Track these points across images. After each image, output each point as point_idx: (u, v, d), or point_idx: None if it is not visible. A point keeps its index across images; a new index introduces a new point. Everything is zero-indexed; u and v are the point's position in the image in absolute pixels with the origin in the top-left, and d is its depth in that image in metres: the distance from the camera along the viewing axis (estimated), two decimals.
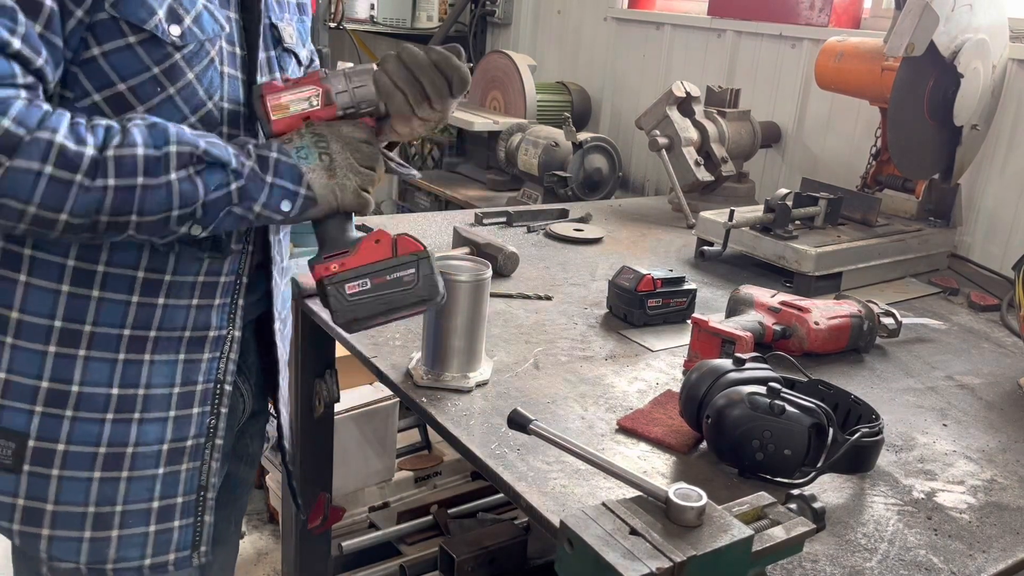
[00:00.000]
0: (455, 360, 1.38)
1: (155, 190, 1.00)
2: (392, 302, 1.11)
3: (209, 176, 1.03)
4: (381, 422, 2.46)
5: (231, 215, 1.06)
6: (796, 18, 2.81)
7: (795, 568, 1.02)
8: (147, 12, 1.01)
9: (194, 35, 1.05)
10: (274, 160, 1.08)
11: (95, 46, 1.00)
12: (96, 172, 0.96)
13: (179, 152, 1.01)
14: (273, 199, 1.07)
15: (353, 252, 1.12)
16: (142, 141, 0.99)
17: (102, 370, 1.10)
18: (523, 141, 3.07)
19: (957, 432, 1.39)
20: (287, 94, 1.12)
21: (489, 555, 2.11)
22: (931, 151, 2.23)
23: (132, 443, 1.12)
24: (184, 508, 1.18)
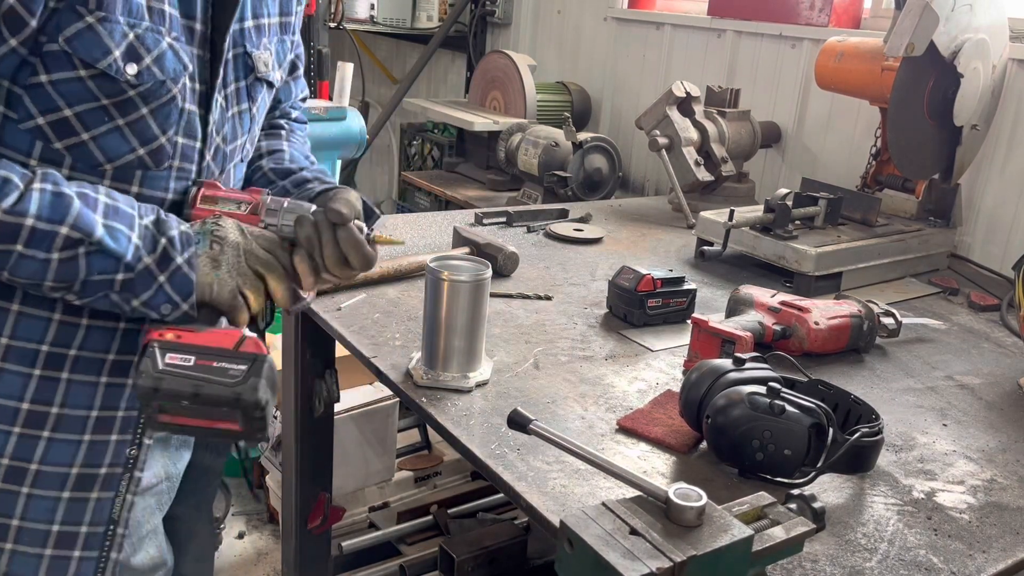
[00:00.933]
0: (455, 360, 1.38)
1: (31, 260, 0.97)
2: (203, 389, 1.00)
3: (96, 261, 1.00)
4: (381, 422, 2.46)
5: (107, 299, 1.03)
6: (796, 18, 2.81)
7: (795, 568, 1.02)
8: (101, 52, 0.98)
9: (152, 75, 1.03)
10: (176, 266, 1.04)
11: (43, 73, 0.97)
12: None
13: (69, 236, 0.97)
14: (156, 300, 1.04)
15: (196, 331, 1.05)
16: (35, 211, 0.95)
17: (15, 383, 1.07)
18: (523, 141, 3.07)
19: (957, 432, 1.40)
20: (222, 192, 1.12)
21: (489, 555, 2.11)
22: (931, 151, 2.23)
23: (37, 460, 1.09)
24: (88, 539, 1.14)
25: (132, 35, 0.99)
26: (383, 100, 4.61)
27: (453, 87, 4.50)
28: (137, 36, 1.00)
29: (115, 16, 0.98)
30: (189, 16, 1.07)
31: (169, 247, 1.04)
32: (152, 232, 1.04)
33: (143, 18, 1.00)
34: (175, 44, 1.05)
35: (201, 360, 1.01)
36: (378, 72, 5.00)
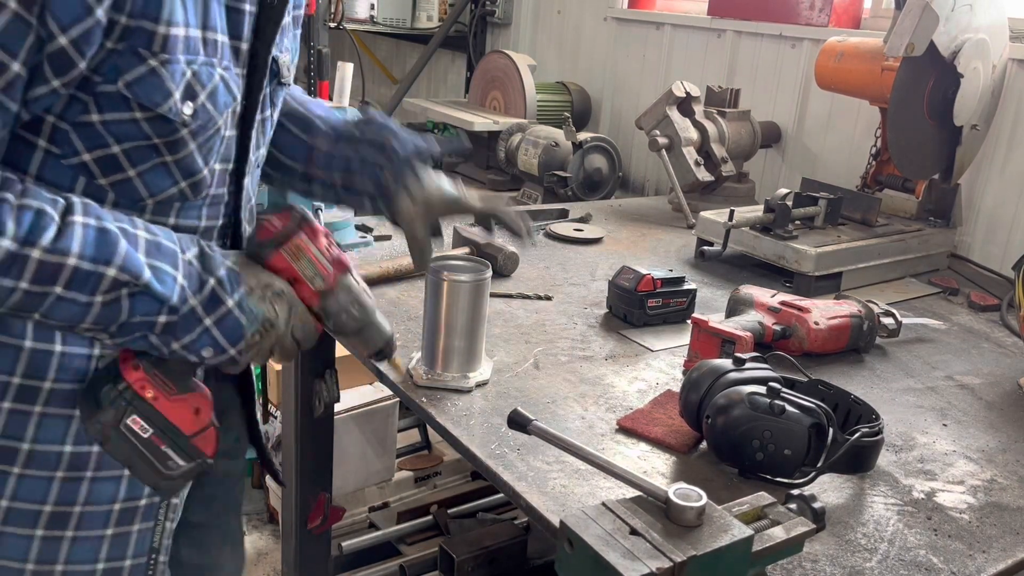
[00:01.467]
0: (455, 360, 1.38)
1: (71, 304, 0.89)
2: (135, 467, 1.00)
3: (139, 303, 0.93)
4: (381, 422, 2.46)
5: (145, 340, 0.97)
6: (796, 18, 2.81)
7: (795, 568, 1.02)
8: (163, 96, 0.92)
9: (206, 111, 0.98)
10: (226, 310, 0.99)
11: (95, 113, 0.91)
12: (8, 269, 0.84)
13: (116, 278, 0.90)
14: (199, 344, 0.99)
15: (176, 395, 1.01)
16: (78, 250, 0.88)
17: (58, 428, 1.03)
18: (523, 141, 3.07)
19: (957, 432, 1.39)
20: (310, 250, 1.06)
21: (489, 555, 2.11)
22: (931, 151, 2.23)
23: (81, 502, 1.06)
24: (132, 572, 1.12)
25: (189, 72, 0.94)
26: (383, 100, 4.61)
27: (453, 87, 4.50)
28: (194, 73, 0.95)
29: (176, 56, 0.92)
30: (236, 36, 1.02)
31: (219, 288, 0.98)
32: (198, 270, 0.98)
33: (198, 52, 0.95)
34: (225, 75, 1.00)
35: (156, 437, 0.99)
36: (378, 72, 5.00)
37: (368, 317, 1.13)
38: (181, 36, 0.92)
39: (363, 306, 1.11)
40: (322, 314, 1.08)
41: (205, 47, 0.96)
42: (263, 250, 1.05)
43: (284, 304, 1.04)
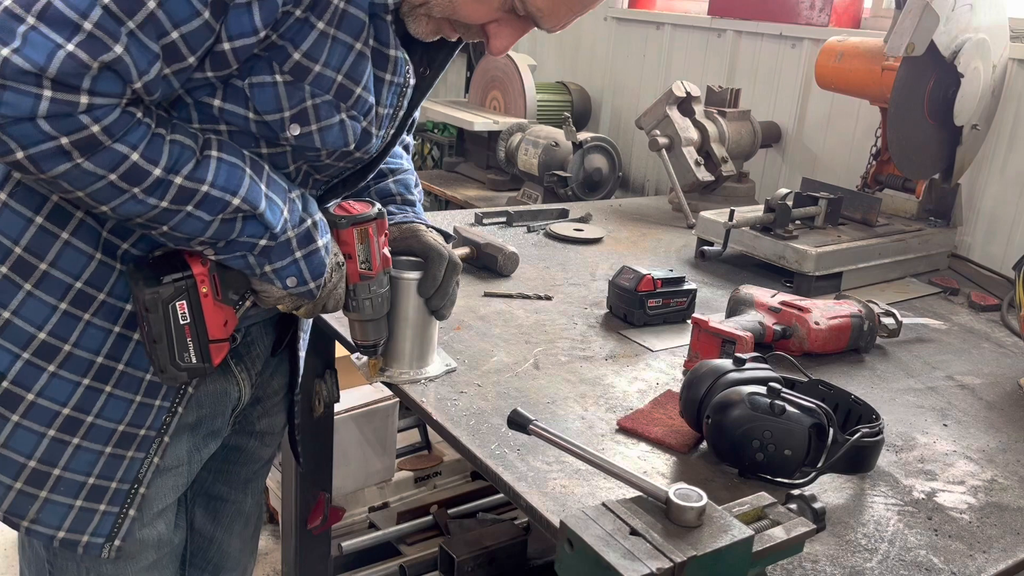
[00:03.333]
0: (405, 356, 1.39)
1: (197, 220, 1.04)
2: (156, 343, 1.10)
3: (248, 225, 1.07)
4: (381, 422, 2.45)
5: (244, 259, 1.10)
6: (796, 18, 2.81)
7: (795, 568, 1.02)
8: (274, 108, 1.05)
9: (311, 140, 1.09)
10: (315, 247, 1.14)
11: (218, 99, 1.04)
12: (154, 191, 0.99)
13: (239, 207, 1.05)
14: (287, 271, 1.13)
15: (220, 301, 1.14)
16: (211, 179, 1.02)
17: (97, 337, 1.12)
18: (523, 141, 3.07)
19: (957, 432, 1.39)
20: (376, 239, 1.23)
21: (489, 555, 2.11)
22: (931, 151, 2.23)
23: (94, 413, 1.14)
24: (114, 495, 1.18)
25: (310, 103, 1.06)
26: None
27: (453, 87, 4.50)
28: (315, 105, 1.06)
29: (300, 84, 1.04)
30: (378, 101, 1.13)
31: (313, 229, 1.14)
32: (299, 208, 1.13)
33: (327, 91, 1.06)
34: (348, 122, 1.10)
35: (188, 328, 1.11)
36: None
37: (380, 314, 1.29)
38: (315, 70, 1.04)
39: (383, 302, 1.28)
40: (352, 292, 1.24)
41: (338, 91, 1.07)
42: (340, 221, 1.20)
43: (339, 273, 1.21)
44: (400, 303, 1.34)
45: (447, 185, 3.41)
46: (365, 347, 1.33)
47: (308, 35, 1.02)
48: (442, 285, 1.33)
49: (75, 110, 0.90)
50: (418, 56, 1.18)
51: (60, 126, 0.90)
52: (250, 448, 1.51)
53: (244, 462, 1.52)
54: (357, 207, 1.22)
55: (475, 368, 1.47)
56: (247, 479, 1.55)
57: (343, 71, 1.06)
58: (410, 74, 1.15)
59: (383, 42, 1.09)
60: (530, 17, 1.11)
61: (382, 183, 1.41)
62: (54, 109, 0.89)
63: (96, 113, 0.92)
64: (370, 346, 1.32)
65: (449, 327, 1.60)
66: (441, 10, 1.10)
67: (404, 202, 1.41)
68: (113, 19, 0.89)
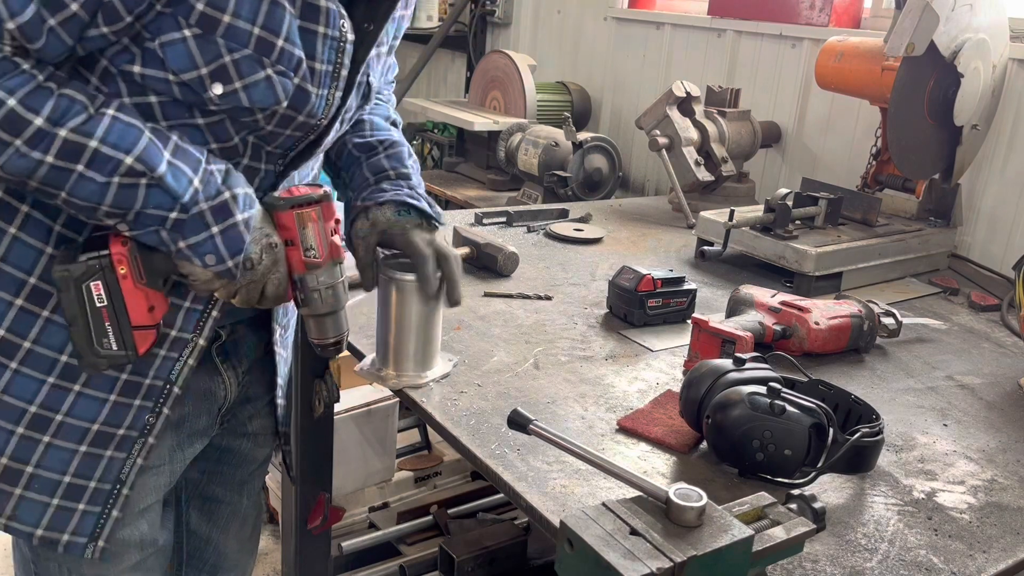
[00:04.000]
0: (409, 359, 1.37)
1: (90, 182, 0.99)
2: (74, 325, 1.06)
3: (153, 195, 1.02)
4: (381, 422, 2.46)
5: (157, 235, 1.04)
6: (796, 18, 2.81)
7: (795, 568, 1.02)
8: (188, 66, 1.00)
9: (237, 99, 1.04)
10: (233, 222, 1.06)
11: (137, 65, 1.01)
12: (37, 143, 0.95)
13: (132, 167, 0.99)
14: (203, 248, 1.06)
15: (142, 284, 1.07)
16: (101, 134, 0.98)
17: (59, 335, 1.10)
18: (523, 141, 3.07)
19: (957, 432, 1.39)
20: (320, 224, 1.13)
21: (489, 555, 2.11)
22: (931, 151, 2.23)
23: (63, 412, 1.12)
24: (94, 495, 1.17)
25: (228, 59, 1.01)
26: None
27: (453, 87, 4.50)
28: (234, 61, 1.01)
29: (212, 36, 1.00)
30: (310, 56, 1.07)
31: (231, 202, 1.07)
32: (217, 181, 1.06)
33: (245, 45, 1.01)
34: (276, 77, 1.05)
35: (105, 311, 1.05)
36: None
37: (335, 308, 1.18)
38: (224, 22, 0.99)
39: (336, 296, 1.17)
40: (298, 284, 1.15)
41: (257, 44, 1.02)
42: (278, 203, 1.12)
43: (271, 256, 1.11)
44: (402, 306, 1.33)
45: (447, 185, 3.41)
46: (324, 346, 1.21)
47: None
48: (443, 278, 1.30)
49: None
50: (361, 10, 1.14)
51: None
52: (243, 450, 1.50)
53: (237, 464, 1.51)
54: (303, 189, 1.14)
55: (475, 368, 1.47)
56: (242, 480, 1.54)
57: (258, 23, 1.01)
58: (346, 28, 1.10)
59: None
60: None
61: (373, 158, 1.35)
62: None
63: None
64: (330, 345, 1.20)
65: (449, 327, 1.60)
66: None
67: (398, 176, 1.34)
68: None
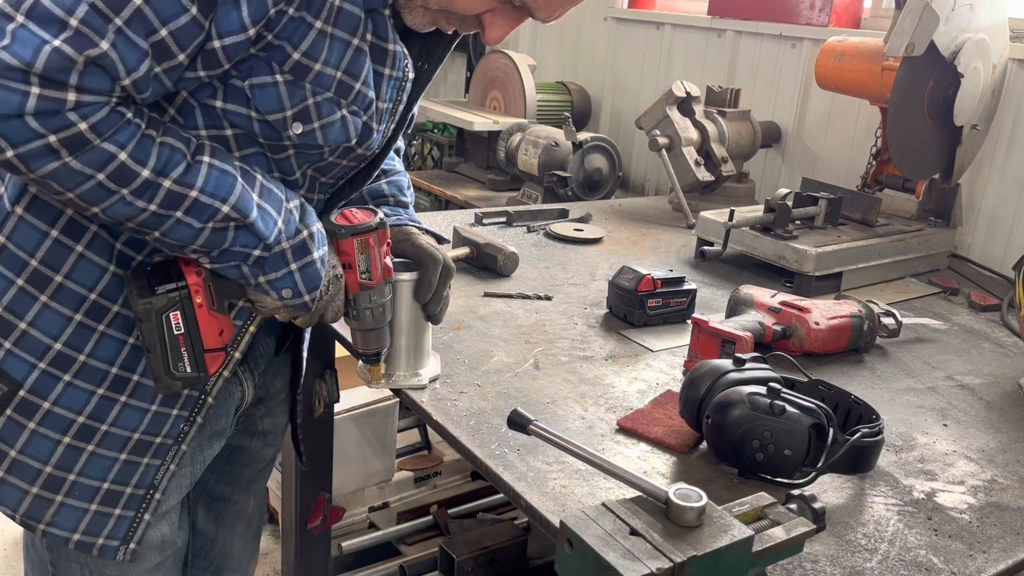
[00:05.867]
0: (402, 358, 1.38)
1: (187, 227, 1.04)
2: (150, 352, 1.10)
3: (242, 235, 1.07)
4: (381, 422, 2.46)
5: (238, 269, 1.10)
6: (796, 18, 2.81)
7: (795, 568, 1.02)
8: (276, 107, 1.05)
9: (314, 138, 1.10)
10: (311, 259, 1.14)
11: (219, 100, 1.05)
12: (143, 193, 0.99)
13: (229, 214, 1.05)
14: (281, 283, 1.12)
15: (215, 311, 1.13)
16: (201, 184, 1.02)
17: (112, 348, 1.13)
18: (523, 141, 3.07)
19: (957, 432, 1.39)
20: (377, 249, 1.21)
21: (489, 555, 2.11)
22: (931, 151, 2.23)
23: (109, 422, 1.15)
24: (129, 500, 1.20)
25: (312, 101, 1.06)
26: None
27: (453, 87, 4.50)
28: (316, 103, 1.07)
29: (301, 82, 1.05)
30: (377, 96, 1.14)
31: (309, 240, 1.13)
32: (295, 219, 1.12)
33: (328, 88, 1.07)
34: (349, 117, 1.11)
35: (183, 337, 1.11)
36: None
37: (382, 323, 1.27)
38: (315, 69, 1.05)
39: (384, 312, 1.27)
40: (352, 302, 1.23)
41: (338, 88, 1.08)
42: (340, 231, 1.19)
43: (337, 286, 1.20)
44: (396, 305, 1.34)
45: (447, 185, 3.41)
46: (367, 356, 1.32)
47: (306, 34, 1.02)
48: (437, 290, 1.33)
49: (63, 107, 0.90)
50: (416, 50, 1.19)
51: (48, 123, 0.91)
52: (253, 448, 1.52)
53: (247, 462, 1.53)
54: (359, 216, 1.21)
55: (475, 368, 1.47)
56: (250, 480, 1.56)
57: (342, 68, 1.07)
58: (408, 68, 1.15)
59: (381, 36, 1.09)
60: (524, 7, 1.11)
61: (375, 184, 1.41)
62: (42, 106, 0.89)
63: (84, 111, 0.92)
64: (372, 355, 1.32)
65: (449, 327, 1.60)
66: (438, 2, 1.10)
67: (397, 203, 1.41)
68: (99, 16, 0.90)
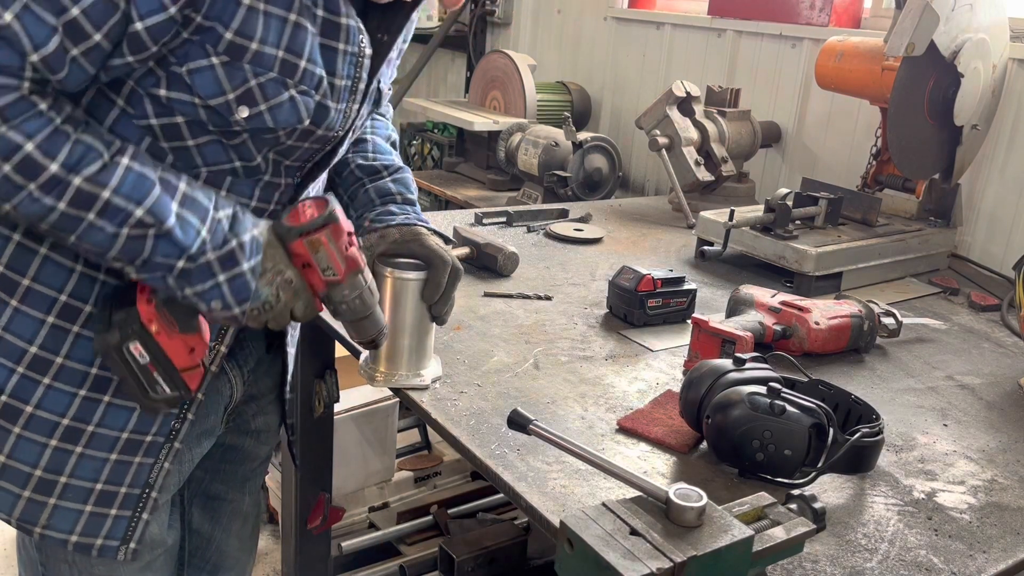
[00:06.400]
0: (405, 357, 1.38)
1: (100, 231, 0.99)
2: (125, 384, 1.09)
3: (161, 245, 1.02)
4: (381, 422, 2.46)
5: (164, 281, 1.05)
6: (796, 18, 2.81)
7: (795, 568, 1.02)
8: (216, 91, 1.03)
9: (263, 120, 1.06)
10: (239, 272, 1.07)
11: (163, 88, 1.03)
12: (50, 189, 0.95)
13: (143, 219, 1.00)
14: (209, 295, 1.07)
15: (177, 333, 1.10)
16: (115, 185, 0.98)
17: (89, 349, 1.12)
18: (523, 141, 3.07)
19: (957, 432, 1.39)
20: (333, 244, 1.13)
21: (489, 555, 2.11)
22: (931, 151, 2.23)
23: (95, 423, 1.15)
24: (125, 500, 1.20)
25: (254, 83, 1.03)
26: None
27: (453, 87, 4.50)
28: (259, 84, 1.04)
29: (239, 63, 1.02)
30: (331, 72, 1.10)
31: (238, 251, 1.07)
32: (224, 229, 1.07)
33: (270, 68, 1.04)
34: (298, 97, 1.07)
35: (151, 365, 1.08)
36: None
37: (366, 311, 1.20)
38: (251, 48, 1.01)
39: (363, 302, 1.19)
40: (326, 299, 1.17)
41: (281, 67, 1.04)
42: (288, 234, 1.12)
43: (289, 291, 1.12)
44: (400, 304, 1.34)
45: (447, 185, 3.41)
46: (365, 344, 1.30)
47: (236, 12, 0.99)
48: (445, 291, 1.32)
49: None
50: (375, 23, 1.15)
51: None
52: (246, 447, 1.52)
53: (240, 461, 1.53)
54: (308, 211, 1.14)
55: (475, 368, 1.47)
56: (244, 478, 1.56)
57: (282, 45, 1.03)
58: (365, 43, 1.12)
59: (332, 11, 1.07)
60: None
61: (380, 181, 1.39)
62: None
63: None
64: (369, 342, 1.28)
65: (449, 327, 1.60)
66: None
67: (404, 201, 1.39)
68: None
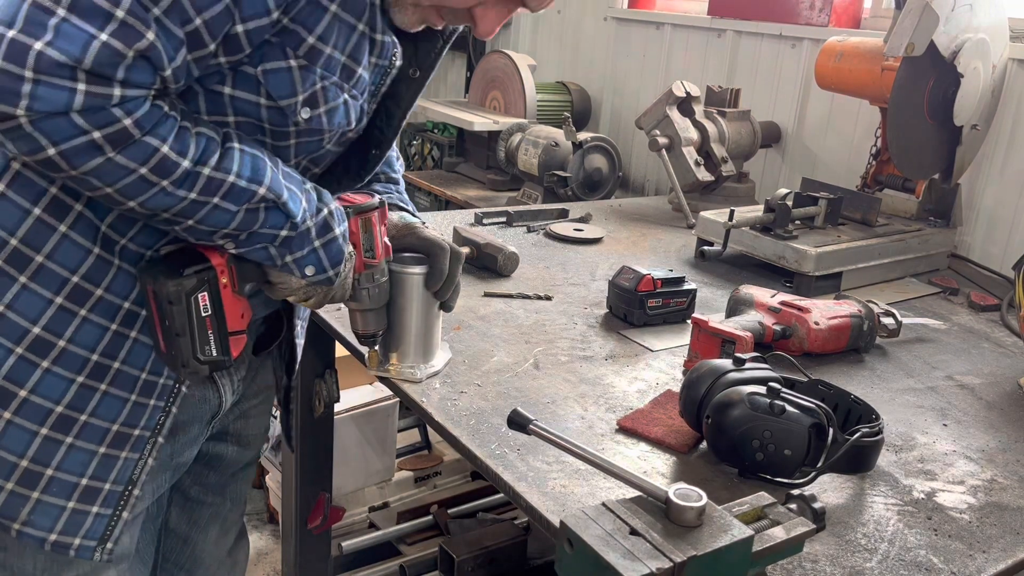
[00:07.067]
0: (410, 351, 1.39)
1: (223, 212, 1.04)
2: (182, 336, 1.10)
3: (272, 216, 1.08)
4: (381, 422, 2.46)
5: (264, 251, 1.11)
6: (796, 18, 2.81)
7: (795, 568, 1.02)
8: (288, 93, 1.05)
9: (320, 122, 1.10)
10: (333, 236, 1.15)
11: (228, 87, 1.04)
12: (183, 183, 1.00)
13: (264, 196, 1.06)
14: (306, 260, 1.14)
15: (237, 293, 1.14)
16: (236, 169, 1.03)
17: (93, 334, 1.09)
18: (523, 141, 3.07)
19: (957, 432, 1.39)
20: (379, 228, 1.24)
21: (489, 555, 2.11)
22: (931, 151, 2.23)
23: (88, 412, 1.11)
24: (108, 496, 1.15)
25: (320, 85, 1.07)
26: None
27: (453, 87, 4.50)
28: (323, 87, 1.07)
29: (313, 67, 1.05)
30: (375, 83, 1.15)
31: (330, 218, 1.15)
32: (315, 198, 1.14)
33: (335, 73, 1.08)
34: (350, 101, 1.12)
35: (209, 320, 1.11)
36: None
37: (380, 303, 1.30)
38: (326, 53, 1.05)
39: (382, 293, 1.28)
40: (356, 282, 1.25)
41: (342, 72, 1.08)
42: (347, 211, 1.20)
43: (349, 264, 1.21)
44: (406, 299, 1.35)
45: (447, 185, 3.41)
46: (365, 337, 1.34)
47: (322, 18, 1.02)
48: (449, 276, 1.34)
49: (108, 103, 0.90)
50: (407, 57, 1.19)
51: (93, 120, 0.90)
52: (227, 454, 1.49)
53: (223, 467, 1.50)
54: (358, 198, 1.24)
55: (475, 368, 1.47)
56: (224, 484, 1.52)
57: (347, 52, 1.07)
58: (396, 57, 1.15)
59: (372, 27, 1.09)
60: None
61: None
62: (88, 102, 0.89)
63: (128, 106, 0.92)
64: (370, 336, 1.33)
65: (449, 327, 1.60)
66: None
67: (388, 180, 1.42)
68: (142, 6, 0.89)
